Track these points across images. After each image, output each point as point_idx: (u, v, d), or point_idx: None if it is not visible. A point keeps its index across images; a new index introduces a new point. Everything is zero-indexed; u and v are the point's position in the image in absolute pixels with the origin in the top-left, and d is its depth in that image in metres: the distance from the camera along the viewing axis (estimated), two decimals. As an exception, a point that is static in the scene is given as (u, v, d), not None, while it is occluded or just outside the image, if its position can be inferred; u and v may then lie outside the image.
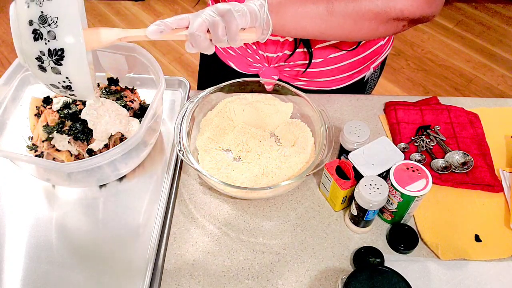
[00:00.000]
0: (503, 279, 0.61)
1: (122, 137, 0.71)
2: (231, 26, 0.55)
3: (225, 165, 0.72)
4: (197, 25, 0.55)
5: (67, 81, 0.51)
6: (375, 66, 0.88)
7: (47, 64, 0.49)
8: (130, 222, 0.67)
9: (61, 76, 0.50)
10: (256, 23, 0.58)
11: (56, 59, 0.49)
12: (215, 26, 0.55)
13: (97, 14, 2.54)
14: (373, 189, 0.59)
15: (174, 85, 0.87)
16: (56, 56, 0.48)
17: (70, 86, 0.52)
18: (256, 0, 0.58)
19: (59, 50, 0.48)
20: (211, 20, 0.55)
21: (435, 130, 0.78)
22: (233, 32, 0.56)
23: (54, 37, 0.48)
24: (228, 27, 0.55)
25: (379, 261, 0.62)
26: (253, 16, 0.57)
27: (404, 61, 2.24)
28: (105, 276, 0.62)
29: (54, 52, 0.48)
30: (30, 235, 0.66)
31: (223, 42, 0.57)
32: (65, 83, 0.51)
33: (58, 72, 0.50)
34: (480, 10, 2.53)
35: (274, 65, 0.83)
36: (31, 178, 0.71)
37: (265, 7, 0.58)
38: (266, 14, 0.58)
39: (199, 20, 0.55)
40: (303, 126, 0.78)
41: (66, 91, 0.53)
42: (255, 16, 0.58)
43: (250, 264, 0.63)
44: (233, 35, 0.56)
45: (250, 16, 0.57)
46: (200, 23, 0.55)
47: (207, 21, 0.55)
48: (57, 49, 0.48)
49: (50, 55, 0.48)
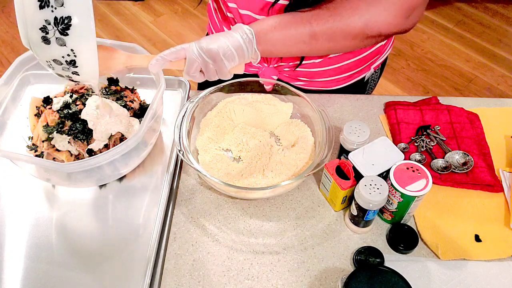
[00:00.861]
0: (503, 279, 0.61)
1: (122, 137, 0.71)
2: (221, 69, 0.64)
3: (225, 165, 0.72)
4: (192, 70, 0.63)
5: (71, 54, 0.49)
6: (375, 66, 0.88)
7: (52, 34, 0.47)
8: (130, 222, 0.67)
9: (66, 48, 0.48)
10: (243, 59, 0.65)
11: (63, 28, 0.46)
12: (207, 69, 0.64)
13: (97, 14, 2.53)
14: (373, 189, 0.59)
15: (174, 85, 0.87)
16: (63, 25, 0.46)
17: (74, 61, 0.49)
18: (243, 33, 0.63)
19: (66, 18, 0.46)
20: (204, 65, 0.63)
21: (435, 130, 0.78)
22: (223, 73, 0.65)
23: (62, 4, 0.45)
24: (219, 70, 0.64)
25: (379, 261, 0.62)
26: (240, 55, 0.63)
27: (404, 61, 2.24)
28: (105, 276, 0.62)
29: (61, 20, 0.46)
30: (30, 235, 0.66)
31: (213, 79, 0.66)
32: (70, 57, 0.49)
33: (63, 43, 0.47)
34: (480, 10, 2.53)
35: (274, 65, 0.83)
36: (31, 178, 0.71)
37: (253, 43, 0.64)
38: (254, 49, 0.65)
39: (194, 64, 0.62)
40: (303, 126, 0.78)
41: (70, 68, 0.51)
42: (242, 54, 0.64)
43: (250, 264, 0.63)
44: (224, 75, 0.65)
45: (237, 56, 0.63)
46: (195, 68, 0.63)
47: (200, 64, 0.63)
48: (64, 17, 0.46)
49: (56, 23, 0.46)
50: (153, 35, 2.36)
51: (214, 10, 0.84)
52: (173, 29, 2.42)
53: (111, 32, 2.39)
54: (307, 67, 0.82)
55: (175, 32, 2.40)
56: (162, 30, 2.40)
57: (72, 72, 0.52)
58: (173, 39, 2.34)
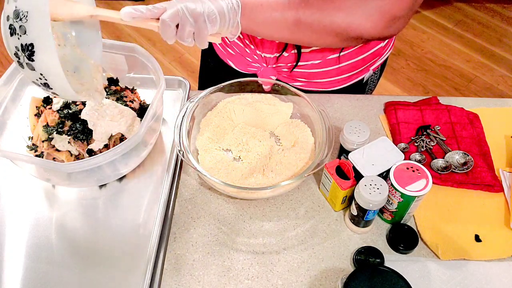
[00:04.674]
0: (503, 279, 0.61)
1: (122, 137, 0.71)
2: (201, 33, 0.58)
3: (225, 165, 0.72)
4: (170, 15, 0.56)
5: (42, 78, 0.50)
6: (374, 68, 0.88)
7: (23, 60, 0.48)
8: (130, 222, 0.67)
9: (36, 72, 0.49)
10: (224, 28, 0.61)
11: (28, 54, 0.48)
12: (184, 27, 0.57)
13: (97, 14, 2.53)
14: (373, 189, 0.59)
15: (174, 85, 0.87)
16: (28, 52, 0.47)
17: (47, 83, 0.51)
18: (229, 1, 0.60)
19: (30, 45, 0.47)
20: (183, 20, 0.57)
21: (435, 130, 0.78)
22: (201, 36, 0.59)
23: (25, 32, 0.47)
24: (198, 33, 0.58)
25: (379, 261, 0.62)
26: (222, 21, 0.60)
27: (404, 61, 2.24)
28: (105, 276, 0.62)
29: (25, 47, 0.47)
30: (30, 235, 0.66)
31: (186, 42, 0.59)
32: (42, 80, 0.50)
33: (33, 68, 0.49)
34: (480, 10, 2.53)
35: (272, 66, 0.83)
36: (31, 178, 0.71)
37: (237, 14, 0.61)
38: (237, 21, 0.62)
39: (174, 11, 0.56)
40: (303, 126, 0.78)
41: (47, 90, 0.52)
42: (224, 23, 0.60)
43: (250, 264, 0.63)
44: (201, 39, 0.59)
45: (220, 22, 0.59)
46: (174, 16, 0.56)
47: (180, 16, 0.57)
48: (28, 44, 0.47)
49: (23, 50, 0.47)
50: (153, 35, 2.36)
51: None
52: (173, 29, 2.41)
53: (111, 32, 2.39)
54: (305, 68, 0.82)
55: (175, 32, 2.39)
56: (162, 30, 2.40)
57: (52, 93, 0.53)
58: (173, 39, 2.33)
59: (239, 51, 0.86)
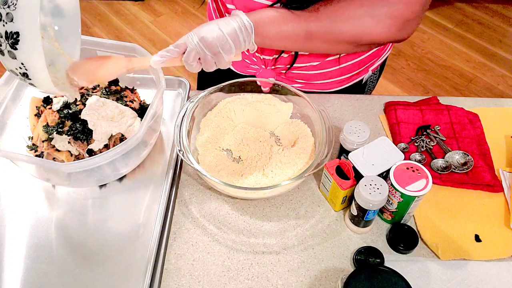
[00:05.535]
0: (503, 279, 0.61)
1: (122, 137, 0.71)
2: (220, 61, 0.64)
3: (225, 165, 0.72)
4: (191, 58, 0.63)
5: (23, 67, 0.50)
6: (373, 68, 0.88)
7: (4, 47, 0.49)
8: (130, 222, 0.67)
9: (17, 61, 0.50)
10: (240, 50, 0.65)
11: (12, 42, 0.48)
12: (205, 60, 0.64)
13: (97, 14, 2.54)
14: (373, 189, 0.59)
15: (174, 85, 0.87)
16: (12, 40, 0.48)
17: (26, 73, 0.51)
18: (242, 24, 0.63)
19: (15, 34, 0.48)
20: (202, 55, 0.63)
21: (435, 130, 0.78)
22: (222, 64, 0.65)
23: (11, 19, 0.47)
24: (217, 61, 0.65)
25: (379, 261, 0.62)
26: (237, 46, 0.64)
27: (404, 61, 2.24)
28: (105, 276, 0.62)
29: (10, 35, 0.48)
30: (30, 235, 0.66)
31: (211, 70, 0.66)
32: (22, 69, 0.51)
33: (14, 56, 0.49)
34: (480, 10, 2.53)
35: (271, 67, 0.83)
36: (31, 178, 0.71)
37: (251, 37, 0.64)
38: (252, 42, 0.65)
39: (192, 50, 0.62)
40: (303, 126, 0.78)
41: (25, 80, 0.52)
42: (239, 46, 0.64)
43: (250, 264, 0.63)
44: (222, 66, 0.66)
45: (235, 48, 0.64)
46: (194, 57, 0.63)
47: (199, 54, 0.63)
48: (13, 32, 0.47)
49: (7, 37, 0.48)
50: (153, 35, 2.36)
51: (213, 10, 0.84)
52: (173, 29, 2.42)
53: (111, 32, 2.39)
54: (304, 69, 0.82)
55: (175, 32, 2.39)
56: (162, 30, 2.40)
57: (29, 84, 0.53)
58: (173, 39, 2.33)
59: None
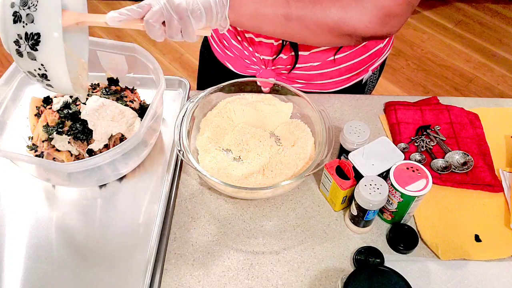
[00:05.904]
0: (503, 279, 0.61)
1: (122, 137, 0.71)
2: (187, 28, 0.57)
3: (225, 165, 0.72)
4: (153, 15, 0.55)
5: (42, 68, 0.50)
6: (373, 68, 0.88)
7: (24, 48, 0.49)
8: (130, 222, 0.67)
9: (37, 62, 0.50)
10: (212, 22, 0.59)
11: (32, 43, 0.48)
12: (170, 24, 0.56)
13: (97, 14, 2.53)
14: (373, 189, 0.59)
15: (174, 85, 0.87)
16: (32, 41, 0.48)
17: (45, 74, 0.51)
18: None
19: (36, 35, 0.47)
20: (168, 17, 0.56)
21: (435, 130, 0.78)
22: (188, 32, 0.58)
23: (32, 21, 0.47)
24: (184, 29, 0.57)
25: (379, 261, 0.62)
26: (208, 17, 0.58)
27: (404, 61, 2.24)
28: (105, 276, 0.62)
29: (30, 36, 0.48)
30: (30, 235, 0.66)
31: (176, 38, 0.59)
32: (41, 70, 0.51)
33: (34, 58, 0.49)
34: (480, 10, 2.53)
35: (271, 68, 0.83)
36: (31, 178, 0.71)
37: (226, 8, 0.59)
38: (225, 16, 0.60)
39: (157, 10, 0.55)
40: (303, 126, 0.78)
41: (43, 81, 0.52)
42: (211, 17, 0.58)
43: (250, 264, 0.63)
44: (188, 35, 0.58)
45: (205, 17, 0.58)
46: (157, 15, 0.55)
47: (165, 15, 0.56)
48: (34, 33, 0.47)
49: (27, 39, 0.48)
50: (153, 35, 2.36)
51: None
52: (173, 29, 2.41)
53: (111, 32, 2.39)
54: (304, 69, 0.82)
55: (175, 32, 2.39)
56: (162, 30, 2.40)
57: (46, 85, 0.53)
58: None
59: (238, 53, 0.86)
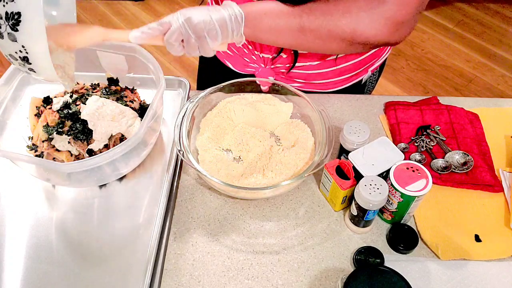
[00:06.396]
0: (503, 279, 0.61)
1: (122, 137, 0.71)
2: (204, 46, 0.61)
3: (225, 165, 0.72)
4: (173, 38, 0.59)
5: (23, 50, 0.49)
6: (373, 69, 0.88)
7: (4, 29, 0.47)
8: (130, 222, 0.67)
9: (17, 44, 0.48)
10: (228, 39, 0.63)
11: (13, 23, 0.47)
12: (188, 42, 0.61)
13: (97, 14, 2.54)
14: (373, 189, 0.59)
15: (174, 85, 0.87)
16: (13, 20, 0.47)
17: (27, 57, 0.50)
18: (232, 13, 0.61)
19: (16, 14, 0.46)
20: (186, 36, 0.60)
21: (435, 130, 0.78)
22: (205, 50, 0.62)
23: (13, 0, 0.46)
24: (201, 46, 0.62)
25: (379, 261, 0.62)
26: (224, 35, 0.61)
27: (404, 61, 2.24)
28: (105, 276, 0.62)
29: (11, 15, 0.46)
30: (30, 235, 0.66)
31: (194, 54, 0.63)
32: (22, 53, 0.49)
33: (14, 39, 0.48)
34: (480, 10, 2.53)
35: (270, 67, 0.83)
36: (31, 178, 0.71)
37: (241, 27, 0.62)
38: (241, 32, 0.63)
39: (176, 30, 0.59)
40: (303, 126, 0.78)
41: (25, 65, 0.51)
42: (227, 35, 0.62)
43: (250, 264, 0.63)
44: (206, 52, 0.63)
45: (221, 36, 0.61)
46: (176, 35, 0.59)
47: (182, 35, 0.60)
48: (14, 12, 0.46)
49: (7, 18, 0.47)
50: (153, 35, 2.36)
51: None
52: (173, 29, 2.41)
53: (111, 32, 2.39)
54: (304, 69, 0.82)
55: (175, 32, 2.39)
56: (162, 30, 2.40)
57: (29, 69, 0.52)
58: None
59: (237, 52, 0.86)
